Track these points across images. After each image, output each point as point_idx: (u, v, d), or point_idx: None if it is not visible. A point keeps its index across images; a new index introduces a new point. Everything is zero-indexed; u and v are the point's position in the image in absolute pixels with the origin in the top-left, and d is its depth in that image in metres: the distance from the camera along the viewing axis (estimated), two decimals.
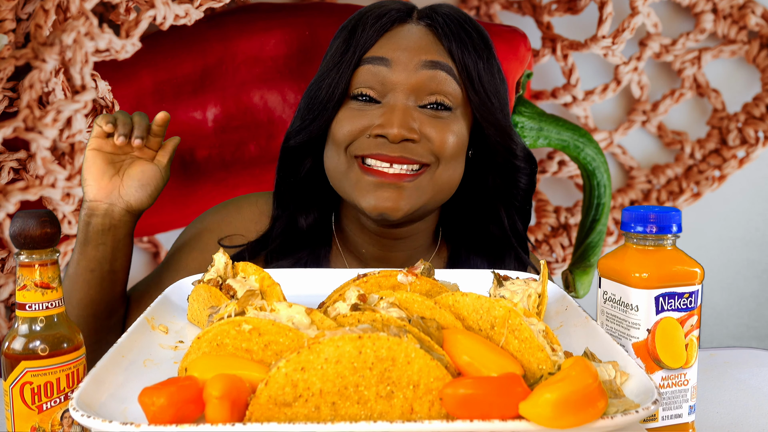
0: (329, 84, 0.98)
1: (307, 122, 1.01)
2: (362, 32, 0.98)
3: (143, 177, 1.00)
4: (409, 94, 0.96)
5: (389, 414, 0.58)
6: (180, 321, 0.81)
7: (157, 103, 1.44)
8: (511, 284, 0.79)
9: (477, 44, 0.99)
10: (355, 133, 0.96)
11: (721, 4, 1.68)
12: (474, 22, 1.01)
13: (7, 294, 1.37)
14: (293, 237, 1.05)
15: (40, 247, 0.68)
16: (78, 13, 1.24)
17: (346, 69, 0.97)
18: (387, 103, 0.96)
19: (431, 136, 0.96)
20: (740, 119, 1.73)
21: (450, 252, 1.09)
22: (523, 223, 1.09)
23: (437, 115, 0.97)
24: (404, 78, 0.96)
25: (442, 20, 0.99)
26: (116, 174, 1.00)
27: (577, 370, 0.58)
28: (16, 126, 1.24)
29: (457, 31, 0.98)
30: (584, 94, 1.69)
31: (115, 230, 0.99)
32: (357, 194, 0.96)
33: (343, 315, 0.66)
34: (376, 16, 0.99)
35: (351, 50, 0.98)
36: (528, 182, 1.07)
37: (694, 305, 0.74)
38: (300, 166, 1.05)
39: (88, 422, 0.55)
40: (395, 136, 0.93)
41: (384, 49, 0.97)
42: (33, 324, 0.68)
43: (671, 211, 0.74)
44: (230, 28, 1.46)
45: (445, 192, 1.00)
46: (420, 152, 0.95)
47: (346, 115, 0.98)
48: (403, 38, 0.98)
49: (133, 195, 1.00)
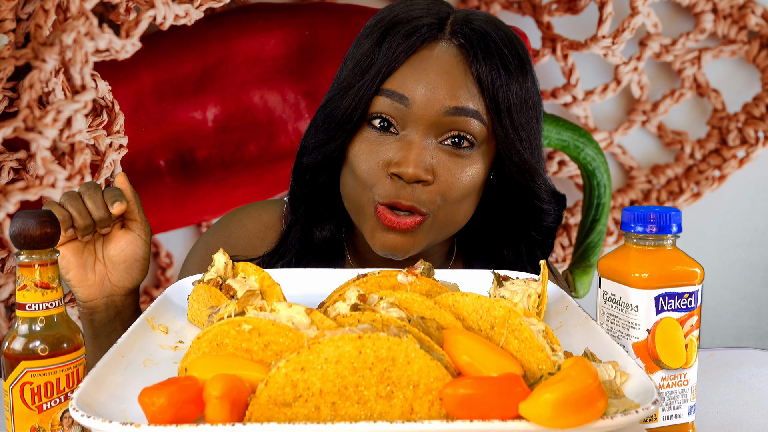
0: (348, 106, 0.92)
1: (322, 141, 0.95)
2: (388, 49, 0.90)
3: (126, 257, 0.92)
4: (429, 131, 0.90)
5: (389, 414, 0.58)
6: (180, 321, 0.81)
7: (157, 103, 1.44)
8: (511, 284, 0.79)
9: (511, 69, 0.91)
10: (375, 171, 0.91)
11: (721, 4, 1.68)
12: (511, 38, 0.93)
13: (7, 294, 1.38)
14: (307, 249, 1.02)
15: (40, 247, 0.68)
16: (78, 13, 1.24)
17: (367, 92, 0.91)
18: (405, 137, 0.91)
19: (442, 179, 0.91)
20: (740, 119, 1.73)
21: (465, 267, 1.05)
22: (543, 254, 1.03)
23: (457, 153, 0.91)
24: (424, 118, 0.89)
25: (477, 39, 0.90)
26: (97, 260, 0.92)
27: (577, 370, 0.58)
28: (16, 126, 1.24)
29: (491, 55, 0.90)
30: (584, 94, 1.69)
31: (121, 315, 0.94)
32: (367, 231, 0.94)
33: (343, 315, 0.66)
34: (404, 34, 0.90)
35: (373, 70, 0.90)
36: (553, 222, 1.01)
37: (694, 305, 0.74)
38: (314, 181, 1.00)
39: (88, 422, 0.55)
40: (410, 177, 0.88)
41: (406, 82, 0.89)
42: (33, 324, 0.68)
43: (671, 211, 0.74)
44: (230, 28, 1.46)
45: (450, 228, 0.96)
46: (426, 201, 0.91)
47: (364, 148, 0.92)
48: (430, 69, 0.89)
49: (125, 278, 0.93)
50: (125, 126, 1.35)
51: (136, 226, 0.93)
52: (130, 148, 1.39)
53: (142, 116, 1.44)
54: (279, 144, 1.50)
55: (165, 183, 1.49)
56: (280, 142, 1.50)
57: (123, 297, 0.94)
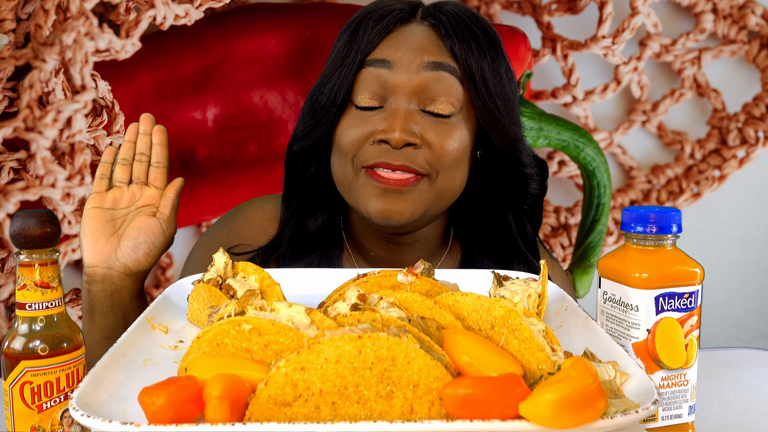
0: (331, 89, 0.96)
1: (310, 127, 0.99)
2: (364, 34, 0.96)
3: (139, 235, 0.95)
4: (412, 97, 0.94)
5: (389, 414, 0.58)
6: (180, 321, 0.81)
7: (157, 103, 1.44)
8: (511, 284, 0.79)
9: (482, 43, 0.96)
10: (359, 142, 0.95)
11: (721, 4, 1.68)
12: (481, 20, 0.99)
13: (7, 294, 1.38)
14: (303, 240, 1.04)
15: (40, 247, 0.68)
16: (78, 13, 1.24)
17: (348, 73, 0.95)
18: (389, 107, 0.94)
19: (432, 143, 0.94)
20: (740, 119, 1.73)
21: (463, 253, 1.07)
22: (533, 226, 1.06)
23: (439, 121, 0.95)
24: (406, 80, 0.94)
25: (446, 19, 0.96)
26: (114, 234, 0.95)
27: (577, 370, 0.58)
28: (16, 126, 1.24)
29: (461, 31, 0.95)
30: (584, 94, 1.69)
31: (118, 295, 0.95)
32: (363, 200, 0.95)
33: (343, 315, 0.66)
34: (378, 17, 0.97)
35: (353, 53, 0.96)
36: (538, 188, 1.04)
37: (694, 305, 0.74)
38: (305, 170, 1.03)
39: (88, 422, 0.55)
40: (397, 141, 0.92)
41: (386, 50, 0.95)
42: (33, 324, 0.68)
43: (671, 211, 0.74)
44: (230, 28, 1.46)
45: (447, 198, 0.99)
46: (420, 161, 0.94)
47: (349, 123, 0.96)
48: (406, 39, 0.95)
49: (129, 256, 0.95)
50: (125, 126, 1.35)
51: (162, 216, 0.97)
52: None
53: None
54: (279, 144, 1.50)
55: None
56: (280, 142, 1.50)
57: (120, 276, 0.95)
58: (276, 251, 1.04)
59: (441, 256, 1.07)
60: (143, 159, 0.99)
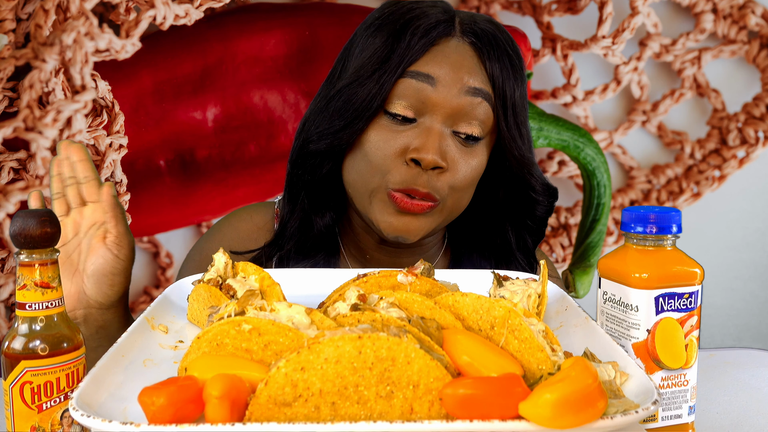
0: (367, 93, 0.93)
1: (336, 128, 0.96)
2: (409, 42, 0.93)
3: (96, 270, 0.90)
4: (447, 118, 0.93)
5: (389, 414, 0.58)
6: (180, 321, 0.81)
7: (157, 103, 1.44)
8: (511, 284, 0.79)
9: (517, 69, 0.96)
10: (392, 158, 0.93)
11: (721, 4, 1.68)
12: (512, 41, 0.97)
13: (7, 294, 1.38)
14: (308, 239, 1.03)
15: (40, 247, 0.68)
16: (78, 13, 1.24)
17: (388, 80, 0.92)
18: (423, 124, 0.93)
19: (455, 168, 0.94)
20: (740, 119, 1.73)
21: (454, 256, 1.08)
22: (534, 241, 1.06)
23: (466, 144, 0.94)
24: (447, 100, 0.92)
25: (487, 39, 0.94)
26: (75, 271, 0.91)
27: (576, 371, 0.58)
28: (16, 126, 1.24)
29: (500, 54, 0.94)
30: (584, 94, 1.69)
31: (104, 330, 0.92)
32: (378, 214, 0.95)
33: (343, 315, 0.66)
34: (425, 28, 0.93)
35: (395, 60, 0.93)
36: (545, 212, 1.04)
37: (694, 305, 0.74)
38: (321, 167, 1.00)
39: (88, 422, 0.55)
40: (429, 162, 0.91)
41: (430, 65, 0.92)
42: (33, 323, 0.68)
43: (671, 212, 0.74)
44: (230, 28, 1.46)
45: (453, 216, 0.99)
46: (441, 188, 0.93)
47: (381, 135, 0.94)
48: (449, 56, 0.93)
49: (96, 292, 0.91)
50: (125, 126, 1.35)
51: (110, 239, 0.91)
52: (130, 148, 1.39)
53: (142, 116, 1.44)
54: (279, 144, 1.50)
55: (165, 183, 1.49)
56: (280, 142, 1.50)
57: (100, 312, 0.92)
58: (280, 250, 1.03)
59: (436, 260, 1.08)
60: (72, 182, 0.92)
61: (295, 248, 1.02)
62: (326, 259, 1.03)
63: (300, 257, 1.02)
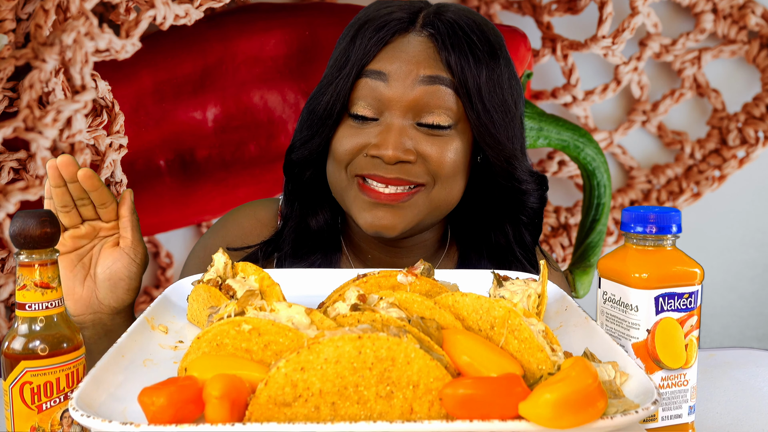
0: (328, 100, 0.95)
1: (306, 138, 0.99)
2: (361, 44, 0.94)
3: (111, 275, 0.90)
4: (406, 112, 0.93)
5: (389, 414, 0.58)
6: (180, 321, 0.81)
7: (157, 103, 1.44)
8: (511, 284, 0.79)
9: (480, 55, 0.93)
10: (353, 152, 0.95)
11: (721, 4, 1.68)
12: (483, 27, 0.96)
13: (7, 294, 1.38)
14: (305, 239, 1.04)
15: (40, 247, 0.68)
16: (78, 13, 1.24)
17: (345, 84, 0.94)
18: (383, 122, 0.94)
19: (428, 156, 0.93)
20: (740, 119, 1.73)
21: (460, 255, 1.07)
22: (532, 236, 1.05)
23: (435, 133, 0.94)
24: (401, 94, 0.92)
25: (445, 29, 0.94)
26: (87, 276, 0.91)
27: (576, 371, 0.58)
28: (16, 126, 1.24)
29: (459, 42, 0.93)
30: (584, 94, 1.69)
31: (113, 334, 0.89)
32: (355, 211, 0.96)
33: (342, 315, 0.66)
34: (375, 28, 0.95)
35: (349, 64, 0.94)
36: (536, 201, 1.03)
37: (693, 305, 0.74)
38: (302, 174, 1.03)
39: (88, 422, 0.55)
40: (390, 158, 0.91)
41: (382, 62, 0.94)
42: (33, 324, 0.68)
43: (671, 212, 0.74)
44: (230, 28, 1.46)
45: (443, 209, 0.98)
46: (416, 172, 0.93)
47: (345, 132, 0.95)
48: (402, 51, 0.94)
49: (110, 297, 0.91)
50: (125, 126, 1.35)
51: (125, 244, 0.91)
52: (130, 148, 1.39)
53: (142, 116, 1.44)
54: (279, 144, 1.50)
55: (165, 183, 1.49)
56: (280, 142, 1.50)
57: (110, 316, 0.92)
58: (277, 249, 1.04)
59: (438, 260, 1.07)
60: (85, 203, 0.89)
61: (292, 249, 1.03)
62: (325, 259, 1.03)
63: (298, 258, 1.03)
